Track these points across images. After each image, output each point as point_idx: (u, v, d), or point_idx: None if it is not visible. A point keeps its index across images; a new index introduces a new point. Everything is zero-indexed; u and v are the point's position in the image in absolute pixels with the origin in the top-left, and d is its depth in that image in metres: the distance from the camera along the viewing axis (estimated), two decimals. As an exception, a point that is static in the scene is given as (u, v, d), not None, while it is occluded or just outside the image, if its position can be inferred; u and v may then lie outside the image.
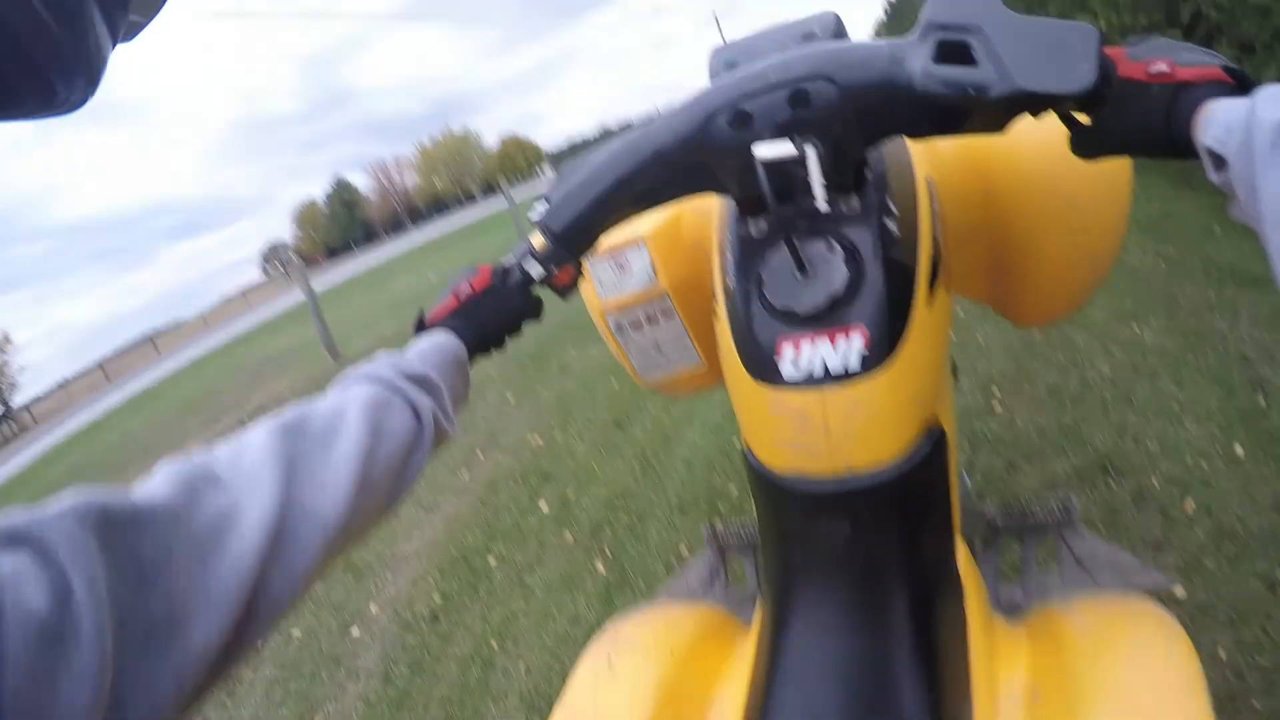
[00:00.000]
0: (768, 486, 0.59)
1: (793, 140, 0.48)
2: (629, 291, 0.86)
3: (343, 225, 76.31)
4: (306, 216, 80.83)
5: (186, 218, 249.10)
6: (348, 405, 0.49)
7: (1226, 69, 0.41)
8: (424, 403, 0.52)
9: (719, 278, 0.61)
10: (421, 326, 0.62)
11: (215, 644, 0.36)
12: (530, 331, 0.71)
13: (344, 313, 11.80)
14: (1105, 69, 0.42)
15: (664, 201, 0.58)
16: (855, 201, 0.54)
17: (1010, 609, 0.89)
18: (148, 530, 0.35)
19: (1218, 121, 0.38)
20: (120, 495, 0.35)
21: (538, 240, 0.61)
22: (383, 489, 0.48)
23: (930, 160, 0.68)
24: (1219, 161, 0.38)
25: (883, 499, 0.55)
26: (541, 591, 2.16)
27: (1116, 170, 0.74)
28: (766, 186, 0.49)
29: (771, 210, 0.51)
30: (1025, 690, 0.57)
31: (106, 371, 37.26)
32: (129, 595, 0.33)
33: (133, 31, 0.32)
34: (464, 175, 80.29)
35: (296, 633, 2.48)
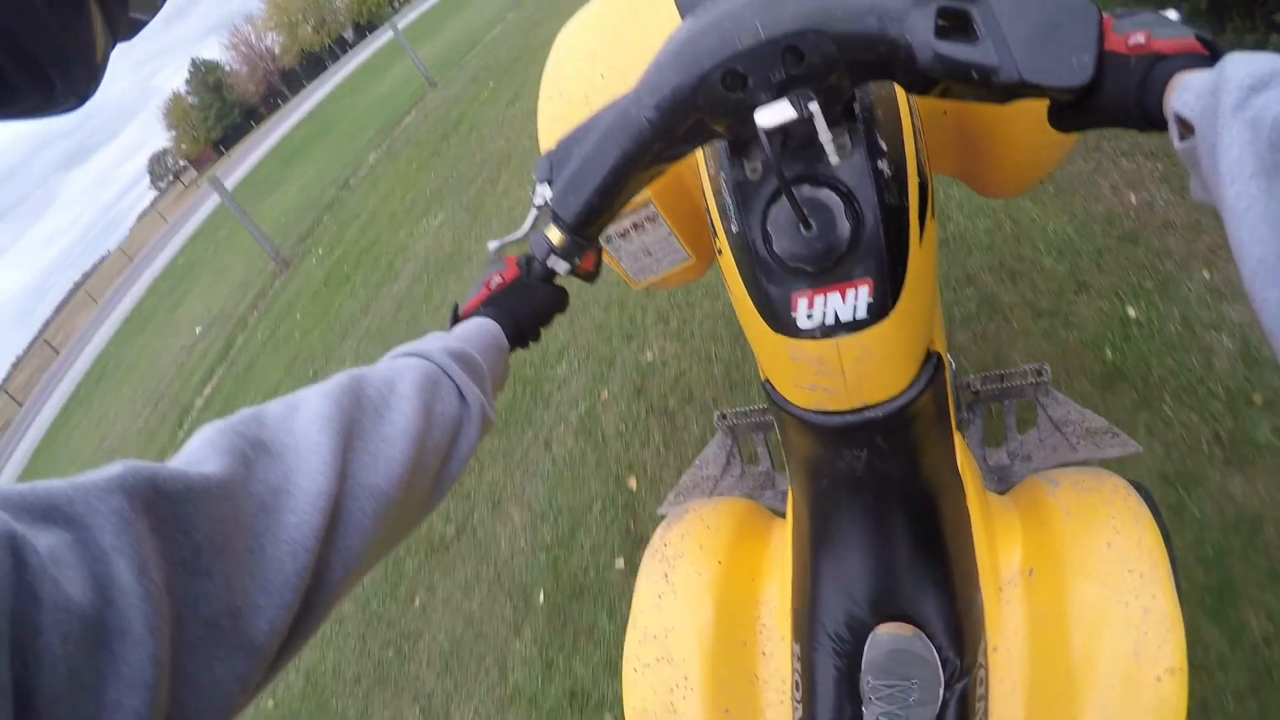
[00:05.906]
0: (792, 421, 0.66)
1: (791, 101, 0.47)
2: (614, 203, 0.86)
3: (218, 112, 66.23)
4: (177, 114, 69.28)
5: (70, 143, 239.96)
6: (400, 377, 0.45)
7: (1201, 40, 0.41)
8: (470, 387, 0.49)
9: (717, 218, 0.64)
10: (456, 320, 0.62)
11: (278, 638, 0.32)
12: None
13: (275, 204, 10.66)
14: (1102, 58, 0.42)
15: (667, 164, 0.57)
16: (846, 138, 0.55)
17: (1000, 474, 0.99)
18: (202, 508, 0.31)
19: (1189, 89, 0.37)
20: (171, 468, 0.31)
21: (555, 235, 0.60)
22: (431, 473, 0.45)
23: None
24: (1185, 128, 0.38)
25: (894, 426, 0.62)
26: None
27: None
28: (769, 150, 0.48)
29: (773, 169, 0.51)
30: (1021, 570, 0.66)
31: (51, 344, 32.12)
32: (184, 584, 0.29)
33: (133, 29, 0.31)
34: (328, 18, 67.93)
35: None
